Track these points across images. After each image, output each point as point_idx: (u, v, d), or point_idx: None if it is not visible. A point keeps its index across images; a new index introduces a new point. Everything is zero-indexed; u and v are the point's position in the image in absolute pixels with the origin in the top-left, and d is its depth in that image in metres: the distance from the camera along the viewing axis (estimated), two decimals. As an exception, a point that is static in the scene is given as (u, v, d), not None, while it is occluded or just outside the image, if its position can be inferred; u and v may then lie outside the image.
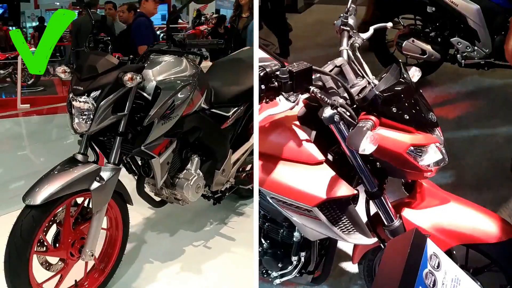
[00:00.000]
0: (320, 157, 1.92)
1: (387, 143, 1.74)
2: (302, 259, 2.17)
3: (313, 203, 1.88)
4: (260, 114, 1.84)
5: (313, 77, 1.76)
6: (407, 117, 1.78)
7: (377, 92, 1.78)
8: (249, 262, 2.50)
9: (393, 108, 1.77)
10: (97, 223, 2.22)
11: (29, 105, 6.51)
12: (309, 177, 1.90)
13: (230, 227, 3.25)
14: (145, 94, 2.33)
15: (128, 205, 2.48)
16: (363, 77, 1.97)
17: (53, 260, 2.24)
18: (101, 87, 2.13)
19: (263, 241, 2.31)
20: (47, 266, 2.23)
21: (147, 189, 2.79)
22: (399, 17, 4.84)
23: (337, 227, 1.94)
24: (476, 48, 4.25)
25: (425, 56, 4.45)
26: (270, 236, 2.29)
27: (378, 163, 1.91)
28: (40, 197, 1.99)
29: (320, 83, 1.86)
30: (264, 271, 2.31)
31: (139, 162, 2.55)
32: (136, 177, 2.70)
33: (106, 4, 6.76)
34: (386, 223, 1.90)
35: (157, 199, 2.88)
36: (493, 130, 3.90)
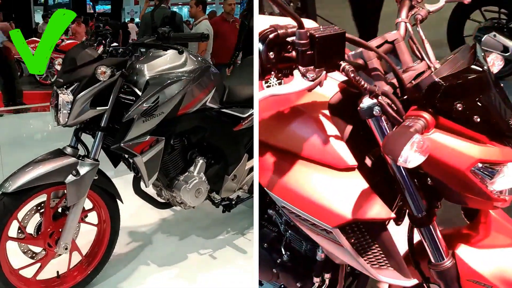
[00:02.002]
0: (352, 161, 1.51)
1: (444, 155, 1.33)
2: (326, 281, 1.87)
3: (334, 223, 1.47)
4: (261, 92, 1.38)
5: (351, 53, 1.41)
6: (478, 120, 1.32)
7: (436, 79, 1.32)
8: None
9: (458, 104, 1.31)
10: (73, 217, 2.24)
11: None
12: (332, 187, 1.50)
13: (246, 238, 3.10)
14: (136, 90, 2.34)
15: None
16: (422, 59, 1.48)
17: (37, 249, 2.33)
18: (78, 80, 2.17)
19: (284, 252, 2.00)
20: (32, 255, 2.32)
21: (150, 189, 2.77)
22: (482, 9, 4.48)
23: (365, 258, 1.54)
24: None
25: (507, 54, 4.07)
26: (293, 247, 1.97)
27: (429, 180, 1.48)
28: (12, 185, 2.07)
29: (360, 61, 1.44)
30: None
31: (130, 160, 2.52)
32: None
33: None
34: (433, 261, 1.53)
35: (162, 200, 2.87)
36: None
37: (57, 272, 2.39)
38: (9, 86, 7.45)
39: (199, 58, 2.60)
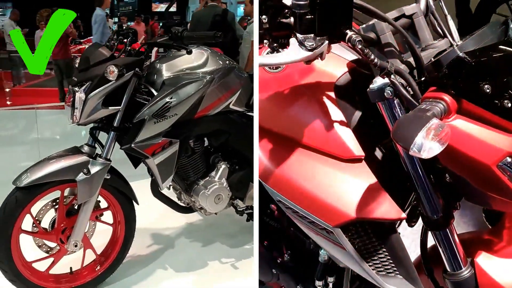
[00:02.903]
0: (358, 151, 1.33)
1: (466, 146, 1.14)
2: (330, 285, 1.71)
3: (335, 222, 1.30)
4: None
5: (361, 26, 1.24)
6: (509, 105, 1.12)
7: (460, 53, 1.12)
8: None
9: (486, 86, 1.12)
10: (83, 215, 2.28)
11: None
12: (334, 180, 1.33)
13: None
14: (152, 90, 2.34)
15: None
16: (444, 36, 1.29)
17: (52, 244, 2.38)
18: (90, 79, 2.20)
19: (285, 251, 1.86)
20: (46, 249, 2.37)
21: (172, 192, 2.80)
22: (509, 2, 4.29)
23: (370, 264, 1.36)
24: None
25: None
26: (295, 246, 1.82)
27: (447, 176, 1.30)
28: (25, 180, 2.13)
29: (372, 36, 1.26)
30: None
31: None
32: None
33: None
34: (448, 269, 1.35)
35: (182, 204, 2.85)
36: None
37: (70, 268, 2.43)
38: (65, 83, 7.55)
39: (223, 58, 2.56)
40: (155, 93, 2.34)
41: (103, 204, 2.44)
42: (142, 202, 2.49)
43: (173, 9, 17.16)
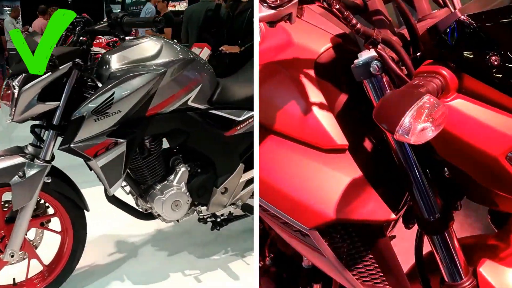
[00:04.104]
0: (341, 140, 1.18)
1: (469, 132, 0.98)
2: None
3: (311, 223, 1.14)
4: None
5: None
6: None
7: (461, 16, 0.93)
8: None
9: (493, 57, 0.94)
10: (20, 222, 2.14)
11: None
12: (311, 173, 1.17)
13: (245, 262, 2.77)
14: (100, 84, 2.17)
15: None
16: (444, 6, 1.10)
17: None
18: (24, 71, 2.04)
19: (267, 254, 1.73)
20: None
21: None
22: None
23: (354, 272, 1.20)
24: None
25: None
26: (278, 249, 1.70)
27: (446, 170, 1.14)
28: None
29: (358, 1, 1.09)
30: None
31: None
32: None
33: None
34: (446, 280, 1.20)
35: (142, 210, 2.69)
36: None
37: (13, 279, 2.29)
38: None
39: (181, 50, 2.37)
40: None
41: (52, 210, 2.31)
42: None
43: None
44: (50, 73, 2.06)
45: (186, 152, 2.51)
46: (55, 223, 2.32)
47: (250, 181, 2.63)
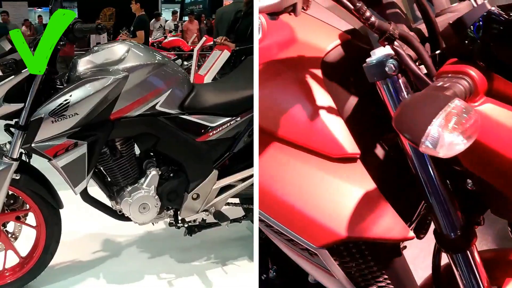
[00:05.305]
0: (352, 148, 1.07)
1: (499, 140, 0.87)
2: None
3: (320, 242, 1.04)
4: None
5: None
6: None
7: (491, 8, 0.84)
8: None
9: None
10: None
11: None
12: (320, 185, 1.06)
13: (224, 271, 2.73)
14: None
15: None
16: None
17: None
18: None
19: (270, 265, 1.64)
20: None
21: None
22: None
23: None
24: None
25: None
26: (282, 260, 1.57)
27: (469, 182, 1.03)
28: None
29: None
30: None
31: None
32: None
33: None
34: None
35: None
36: None
37: None
38: None
39: (150, 54, 2.41)
40: None
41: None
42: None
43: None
44: (13, 76, 2.13)
45: (159, 156, 2.54)
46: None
47: (225, 188, 2.65)
